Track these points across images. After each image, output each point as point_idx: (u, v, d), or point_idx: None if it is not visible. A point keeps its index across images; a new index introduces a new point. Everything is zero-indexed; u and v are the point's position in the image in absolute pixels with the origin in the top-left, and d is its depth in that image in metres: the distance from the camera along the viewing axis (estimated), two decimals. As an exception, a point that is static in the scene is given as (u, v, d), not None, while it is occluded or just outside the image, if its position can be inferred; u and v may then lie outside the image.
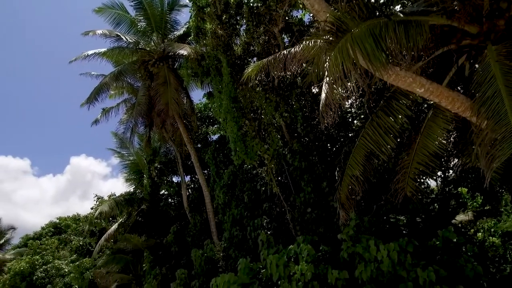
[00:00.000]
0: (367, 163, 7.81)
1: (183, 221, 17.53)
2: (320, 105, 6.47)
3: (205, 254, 12.62)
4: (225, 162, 15.14)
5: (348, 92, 6.23)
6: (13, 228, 34.16)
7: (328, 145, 12.40)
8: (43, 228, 32.74)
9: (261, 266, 8.65)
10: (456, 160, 9.38)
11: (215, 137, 18.44)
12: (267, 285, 8.31)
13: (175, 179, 20.20)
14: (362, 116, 12.17)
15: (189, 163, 18.82)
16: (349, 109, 12.75)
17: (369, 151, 7.70)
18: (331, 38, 5.36)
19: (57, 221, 32.87)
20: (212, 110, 18.00)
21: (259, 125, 12.02)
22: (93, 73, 17.35)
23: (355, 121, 12.89)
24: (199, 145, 18.32)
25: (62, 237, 28.40)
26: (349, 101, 11.15)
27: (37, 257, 25.49)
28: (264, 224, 11.31)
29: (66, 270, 23.16)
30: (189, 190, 18.64)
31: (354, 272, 7.59)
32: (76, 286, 20.82)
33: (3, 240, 33.02)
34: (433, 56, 6.74)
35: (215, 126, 19.29)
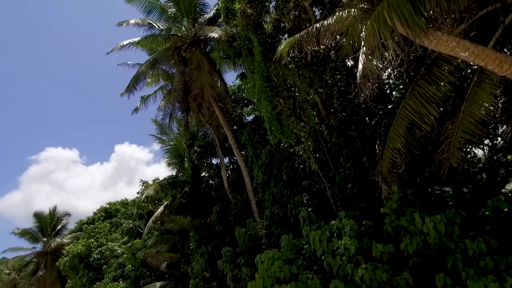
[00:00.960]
0: (408, 135, 7.59)
1: (225, 201, 18.01)
2: (358, 78, 6.31)
3: (248, 232, 12.98)
4: (261, 142, 15.27)
5: (386, 62, 6.02)
6: (68, 214, 36.71)
7: (367, 119, 12.12)
8: (95, 213, 34.93)
9: (303, 242, 8.77)
10: (504, 126, 8.88)
11: (250, 118, 18.56)
12: (311, 260, 8.44)
13: (214, 161, 20.67)
14: (401, 87, 11.73)
15: (226, 145, 19.16)
16: (387, 80, 12.32)
17: (410, 122, 7.47)
18: (366, 6, 5.17)
19: (107, 206, 34.90)
20: (245, 91, 18.05)
21: (294, 103, 11.93)
22: (129, 62, 17.85)
23: (394, 93, 12.45)
24: (235, 127, 18.54)
25: (113, 221, 30.17)
26: (387, 71, 10.78)
27: (92, 240, 27.36)
28: (304, 201, 11.38)
29: (119, 251, 24.72)
30: (228, 171, 19.03)
31: (398, 246, 7.52)
32: (130, 266, 22.21)
33: (60, 226, 35.62)
34: (476, 17, 6.32)
35: (250, 107, 19.38)
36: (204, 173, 20.93)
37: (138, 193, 25.95)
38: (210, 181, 20.94)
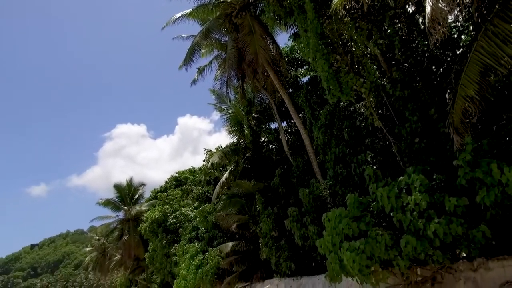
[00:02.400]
0: (482, 80, 6.98)
1: (286, 164, 18.29)
2: (426, 21, 5.86)
3: (312, 193, 13.17)
4: (319, 103, 15.03)
5: (456, 1, 5.49)
6: (143, 184, 39.99)
7: (433, 67, 11.27)
8: (166, 182, 37.58)
9: (370, 200, 8.72)
10: None
11: (305, 79, 18.23)
12: (379, 217, 8.41)
13: (272, 126, 20.90)
14: (471, 28, 10.65)
15: (283, 109, 19.17)
16: (454, 24, 11.24)
17: (484, 66, 6.84)
18: None
19: (177, 175, 37.29)
20: (299, 51, 17.64)
21: (352, 58, 11.43)
22: (183, 35, 18.27)
23: (462, 36, 11.37)
24: (290, 90, 18.39)
25: (184, 188, 32.29)
26: (454, 14, 9.80)
27: (167, 206, 29.67)
28: (369, 159, 11.16)
29: (192, 216, 26.59)
30: (287, 134, 19.16)
31: (473, 199, 7.18)
32: (203, 228, 23.88)
33: (137, 195, 39.03)
34: None
35: (305, 67, 18.98)
36: (263, 138, 21.31)
37: (203, 161, 27.30)
38: (270, 146, 21.30)
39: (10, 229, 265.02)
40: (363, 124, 12.23)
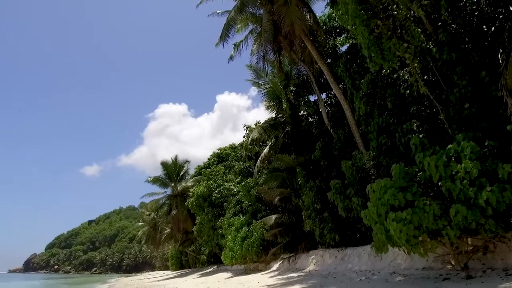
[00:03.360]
0: (542, 37, 6.43)
1: (326, 137, 18.10)
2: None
3: (355, 164, 13.01)
4: (360, 72, 14.53)
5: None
6: (187, 161, 41.46)
7: (483, 27, 10.46)
8: (209, 159, 38.66)
9: (417, 170, 8.49)
10: None
11: (344, 48, 17.61)
12: (426, 186, 8.19)
13: (311, 98, 20.58)
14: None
15: (322, 80, 18.77)
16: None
17: (544, 21, 6.27)
18: None
19: (219, 151, 38.19)
20: (337, 19, 16.97)
21: (394, 23, 10.85)
22: (218, 11, 18.16)
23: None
24: (329, 60, 17.90)
25: (226, 164, 33.10)
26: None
27: (211, 182, 30.66)
28: (414, 128, 10.75)
29: (235, 190, 27.33)
30: (327, 106, 18.82)
31: (531, 165, 6.78)
32: (246, 202, 24.53)
33: (182, 172, 40.58)
34: None
35: (343, 36, 18.30)
36: (302, 112, 21.10)
37: (243, 137, 27.70)
38: (310, 119, 21.07)
39: (69, 207, 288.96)
40: (408, 91, 11.73)
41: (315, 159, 17.28)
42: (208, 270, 31.57)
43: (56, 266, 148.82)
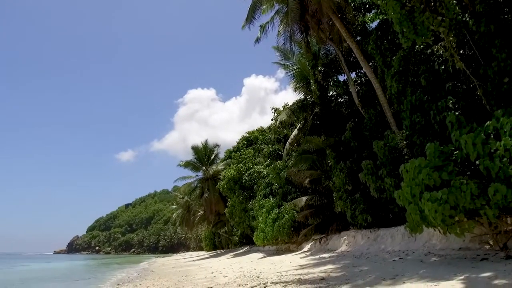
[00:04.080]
0: None
1: (357, 117, 17.77)
2: None
3: (388, 144, 12.75)
4: (391, 49, 14.04)
5: None
6: (217, 145, 42.09)
7: (526, -6, 9.77)
8: (238, 142, 39.08)
9: (452, 148, 8.22)
10: None
11: (374, 24, 16.98)
12: (463, 165, 7.93)
13: (341, 78, 20.16)
14: None
15: (351, 59, 18.30)
16: None
17: None
18: None
19: (247, 135, 38.48)
20: (366, -6, 16.38)
21: (427, -5, 10.35)
22: (243, -7, 17.94)
23: None
24: (358, 38, 17.36)
25: (255, 147, 33.35)
26: None
27: (241, 165, 31.05)
28: (450, 105, 10.34)
29: (265, 173, 27.57)
30: (357, 86, 18.39)
31: None
32: (276, 184, 24.72)
33: (213, 156, 41.28)
34: None
35: (373, 11, 17.62)
36: (331, 92, 20.75)
37: (271, 120, 27.69)
38: (339, 99, 20.71)
39: (106, 192, 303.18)
40: (442, 67, 11.25)
41: (345, 140, 17.06)
42: (241, 251, 32.35)
43: (97, 247, 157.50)
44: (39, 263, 52.56)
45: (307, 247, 20.43)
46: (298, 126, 20.91)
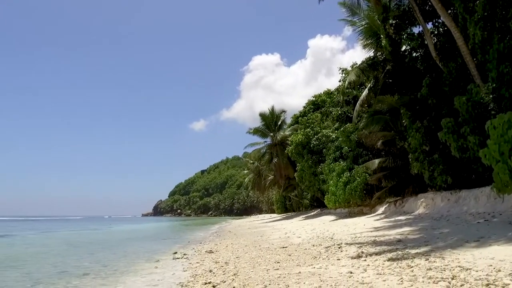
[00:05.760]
0: None
1: (434, 72, 16.40)
2: None
3: (471, 99, 11.70)
4: (474, -9, 12.50)
5: None
6: (284, 111, 42.18)
7: None
8: (304, 107, 38.64)
9: (550, 100, 7.33)
10: None
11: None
12: None
13: (415, 30, 18.57)
14: None
15: (427, 7, 16.69)
16: None
17: None
18: None
19: (314, 99, 37.79)
20: None
21: None
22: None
23: None
24: (434, -18, 15.67)
25: (323, 111, 32.73)
26: None
27: (308, 129, 30.89)
28: (548, 50, 9.08)
29: (334, 136, 27.14)
30: (434, 37, 16.83)
31: None
32: (346, 147, 24.27)
33: (280, 121, 41.56)
34: None
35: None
36: (405, 47, 19.29)
37: (339, 81, 26.80)
38: (414, 54, 19.20)
39: (183, 159, 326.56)
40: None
41: (422, 98, 15.95)
42: (312, 213, 32.89)
43: (178, 210, 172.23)
44: (131, 224, 59.15)
45: (381, 209, 20.08)
46: (369, 85, 19.94)
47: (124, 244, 19.03)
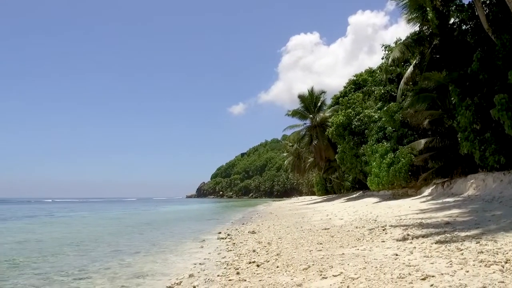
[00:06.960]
0: None
1: (486, 45, 15.27)
2: None
3: (528, 74, 10.85)
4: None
5: None
6: (323, 92, 41.37)
7: None
8: (345, 87, 37.61)
9: None
10: None
11: None
12: None
13: (465, 1, 17.31)
14: None
15: (479, -25, 15.43)
16: None
17: None
18: None
19: (354, 78, 36.64)
20: None
21: None
22: None
23: None
24: None
25: (364, 90, 31.71)
26: None
27: (349, 110, 30.14)
28: None
29: (376, 117, 26.30)
30: (486, 8, 15.62)
31: None
32: (389, 128, 23.48)
33: (319, 103, 40.85)
34: None
35: None
36: (453, 19, 18.08)
37: (382, 59, 25.76)
38: (463, 26, 17.97)
39: (224, 142, 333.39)
40: None
41: (472, 73, 14.99)
42: (354, 196, 32.43)
43: (220, 192, 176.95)
44: (176, 205, 61.71)
45: (427, 191, 19.39)
46: (414, 62, 19.00)
47: (171, 224, 20.00)
